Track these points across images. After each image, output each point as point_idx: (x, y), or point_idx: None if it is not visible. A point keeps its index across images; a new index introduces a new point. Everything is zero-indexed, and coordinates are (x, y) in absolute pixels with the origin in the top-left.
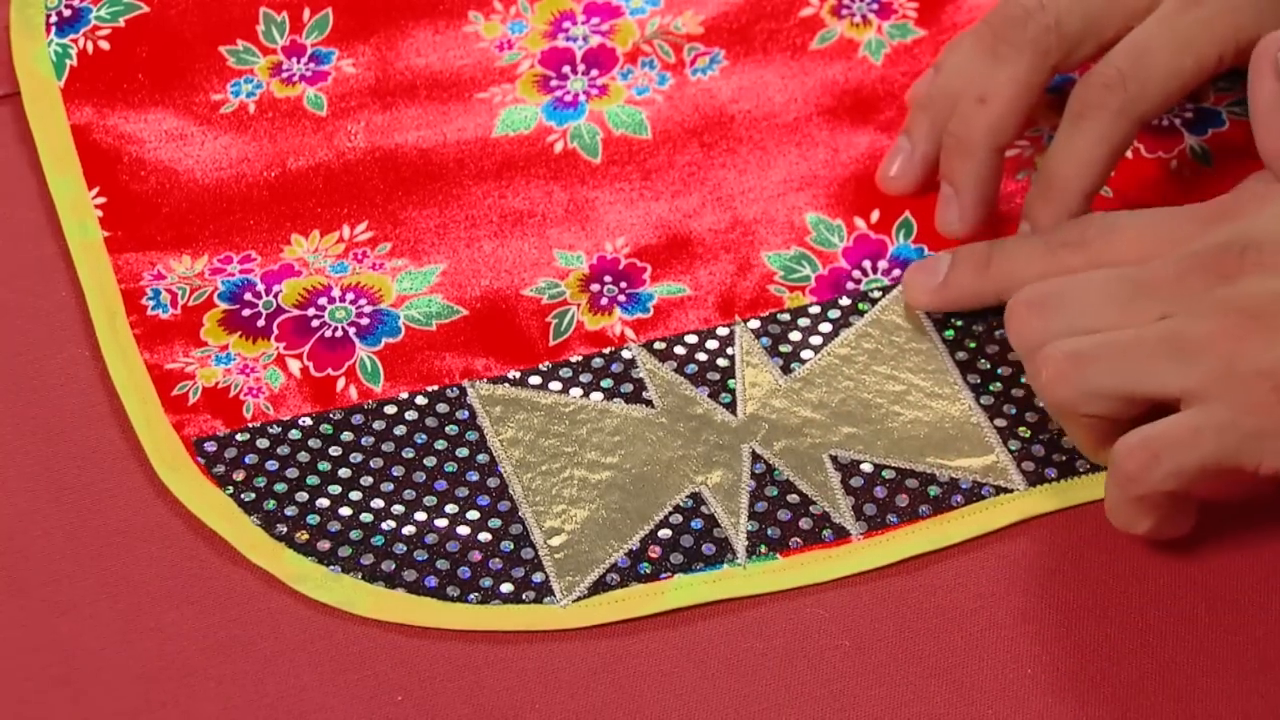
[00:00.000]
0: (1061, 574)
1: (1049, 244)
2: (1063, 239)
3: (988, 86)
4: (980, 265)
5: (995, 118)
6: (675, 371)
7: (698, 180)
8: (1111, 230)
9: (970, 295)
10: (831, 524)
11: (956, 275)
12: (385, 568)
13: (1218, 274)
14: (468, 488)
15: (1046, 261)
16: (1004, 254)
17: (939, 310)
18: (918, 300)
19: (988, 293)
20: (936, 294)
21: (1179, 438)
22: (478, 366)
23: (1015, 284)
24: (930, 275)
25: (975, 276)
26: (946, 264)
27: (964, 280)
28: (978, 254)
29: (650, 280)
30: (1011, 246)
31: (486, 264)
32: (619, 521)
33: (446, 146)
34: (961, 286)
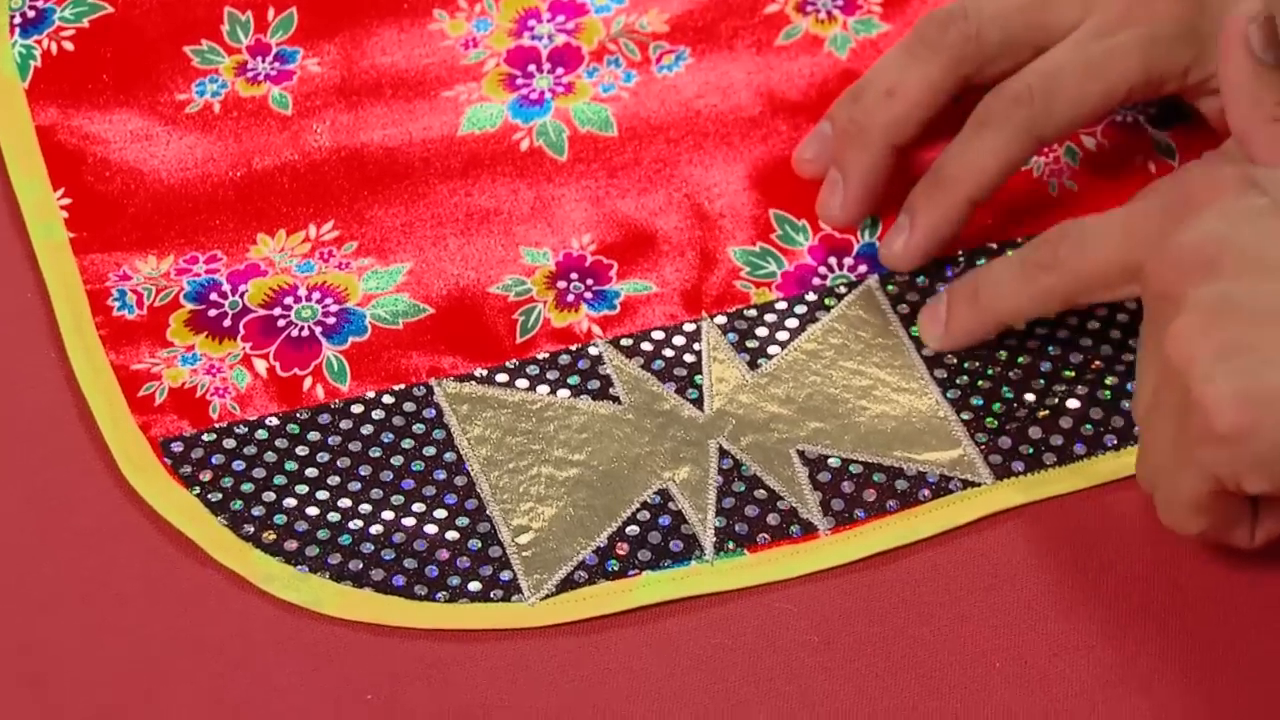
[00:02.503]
0: (1029, 568)
1: (1024, 267)
2: (1037, 260)
3: (898, 81)
4: (970, 299)
5: (897, 113)
6: (642, 368)
7: (664, 177)
8: (1082, 244)
9: (973, 330)
10: (799, 519)
11: (954, 315)
12: (353, 567)
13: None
14: (435, 486)
15: (1027, 286)
16: (988, 284)
17: (956, 350)
18: (935, 347)
19: (987, 325)
20: (946, 338)
21: None
22: (444, 364)
23: (1006, 313)
24: (935, 321)
25: (970, 312)
26: (944, 309)
27: (962, 318)
28: (966, 290)
29: (617, 277)
30: (994, 275)
31: (453, 262)
32: (586, 519)
33: (412, 145)
34: (963, 325)
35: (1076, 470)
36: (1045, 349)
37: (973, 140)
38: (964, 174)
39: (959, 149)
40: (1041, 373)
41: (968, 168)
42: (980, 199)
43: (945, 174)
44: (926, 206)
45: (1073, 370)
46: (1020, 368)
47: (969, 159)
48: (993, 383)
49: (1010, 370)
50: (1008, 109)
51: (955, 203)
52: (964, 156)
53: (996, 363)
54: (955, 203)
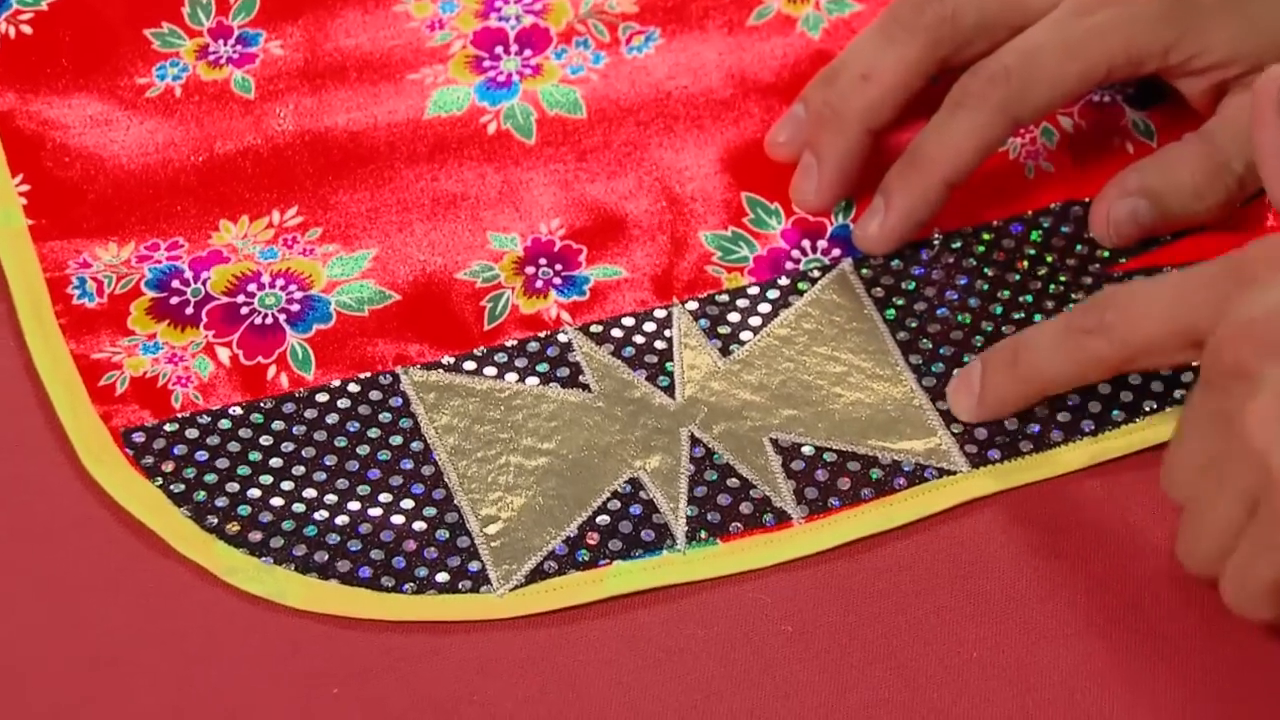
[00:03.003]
0: (1006, 556)
1: (1069, 331)
2: (1082, 324)
3: (874, 64)
4: (1009, 366)
5: (874, 97)
6: (612, 354)
7: (634, 160)
8: (1130, 308)
9: (1012, 401)
10: (772, 508)
11: (990, 384)
12: (318, 558)
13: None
14: (402, 476)
15: (1073, 353)
16: (1028, 350)
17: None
18: (966, 419)
19: (1028, 394)
20: (980, 409)
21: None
22: (411, 352)
23: (1048, 381)
24: (969, 393)
25: (1009, 381)
26: (978, 374)
27: (999, 388)
28: (1004, 355)
29: (586, 262)
30: (1034, 340)
31: (419, 248)
32: (556, 508)
33: (377, 129)
34: (999, 394)
35: (1053, 458)
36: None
37: (949, 121)
38: (940, 155)
39: (935, 130)
40: None
41: (944, 149)
42: (957, 181)
43: (921, 156)
44: (902, 189)
45: None
46: None
47: (945, 140)
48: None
49: None
50: (984, 89)
51: (931, 185)
52: (940, 138)
53: (972, 349)
54: (931, 185)
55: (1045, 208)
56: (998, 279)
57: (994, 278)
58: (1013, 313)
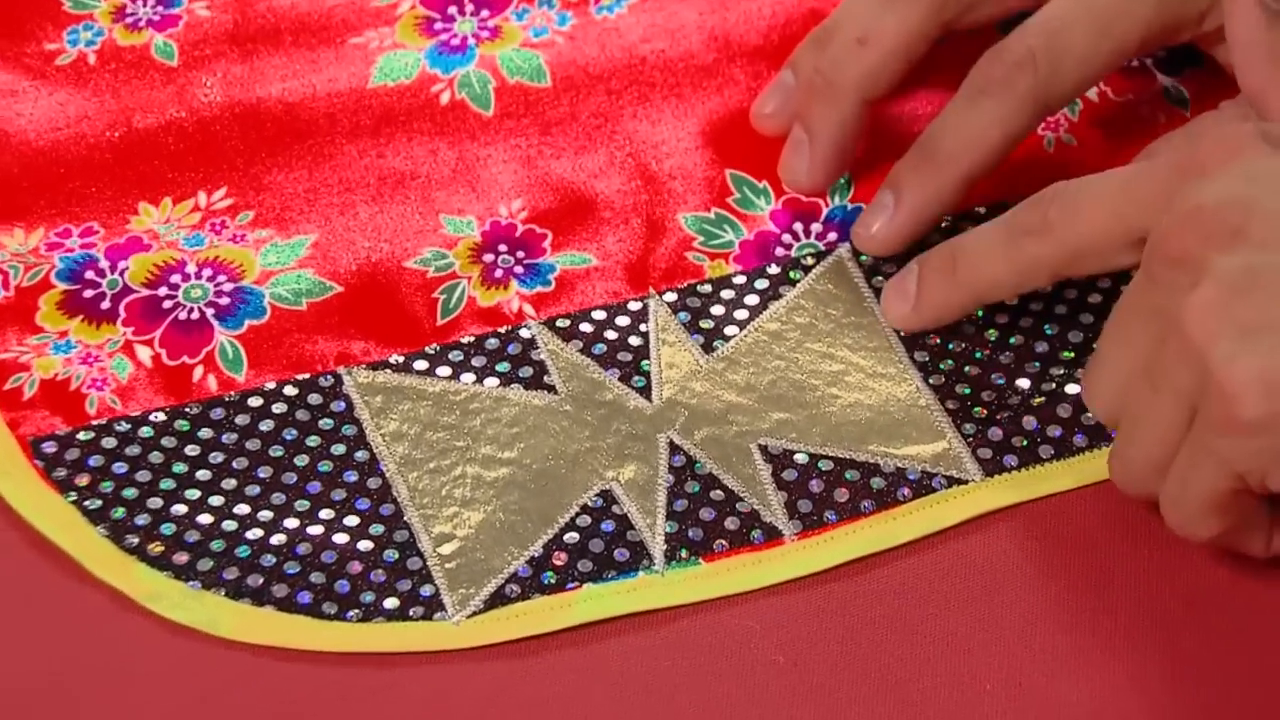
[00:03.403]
0: (1024, 577)
1: (1010, 232)
2: (1023, 225)
3: (871, 28)
4: (945, 270)
5: (871, 64)
6: (581, 352)
7: (604, 133)
8: (1074, 207)
9: (948, 307)
10: (761, 523)
11: (926, 289)
12: (251, 583)
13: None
14: (345, 489)
15: (1012, 254)
16: (967, 255)
17: (924, 331)
18: (901, 327)
19: (964, 300)
20: (914, 317)
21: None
22: (355, 350)
23: (988, 286)
24: (903, 298)
25: (945, 285)
26: (914, 280)
27: (936, 294)
28: (942, 260)
29: (551, 249)
30: (972, 244)
31: (363, 233)
32: (519, 525)
33: (316, 100)
34: (936, 302)
35: (1076, 465)
36: (1040, 327)
37: (970, 110)
38: (959, 149)
39: (953, 120)
40: (1036, 354)
41: (964, 142)
42: (978, 177)
43: (937, 148)
44: (915, 184)
45: (1072, 351)
46: (1012, 349)
47: (966, 132)
48: (981, 367)
49: (1001, 352)
50: (1010, 75)
51: (949, 181)
52: (960, 129)
53: (985, 344)
54: (949, 181)
55: None
56: None
57: None
58: (1030, 302)
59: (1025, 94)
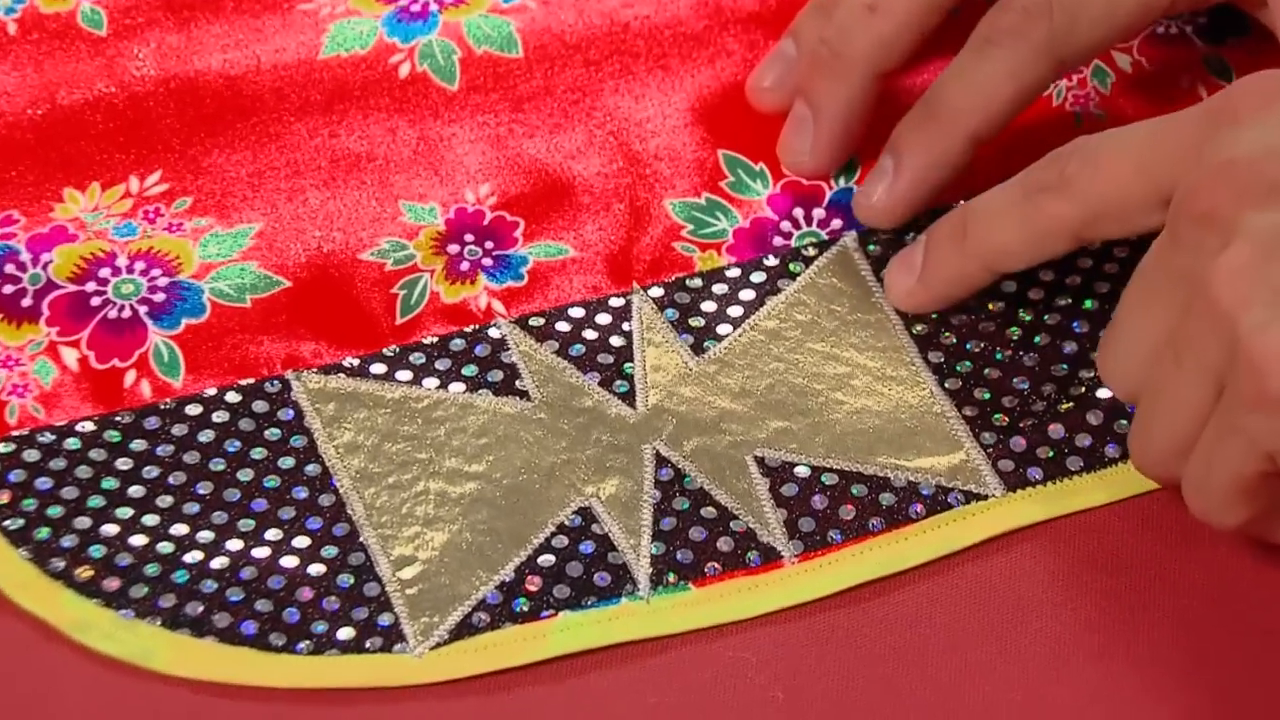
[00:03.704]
0: (1051, 602)
1: (1025, 190)
2: (1039, 181)
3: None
4: (956, 238)
5: (883, 33)
6: (557, 354)
7: (582, 109)
8: (1095, 161)
9: (957, 280)
10: (758, 544)
11: (933, 259)
12: (190, 611)
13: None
14: (294, 507)
15: (1027, 214)
16: (979, 218)
17: (932, 310)
18: (904, 305)
19: (976, 270)
20: (920, 291)
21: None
22: (304, 352)
23: (1000, 252)
24: (908, 271)
25: (955, 255)
26: (920, 253)
27: (944, 264)
28: (951, 227)
29: (523, 239)
30: (984, 206)
31: (314, 222)
32: (488, 546)
33: (261, 73)
34: (944, 274)
35: (1109, 478)
36: (1069, 325)
37: (978, 63)
38: (965, 104)
39: (959, 74)
40: (1064, 355)
41: (970, 97)
42: (985, 136)
43: (941, 104)
44: (917, 144)
45: None
46: (1037, 349)
47: (973, 86)
48: (1002, 369)
49: (1025, 353)
50: (1021, 24)
51: (954, 141)
52: (965, 83)
53: (1007, 343)
54: (954, 141)
55: None
56: None
57: None
58: (1057, 297)
59: (1039, 44)
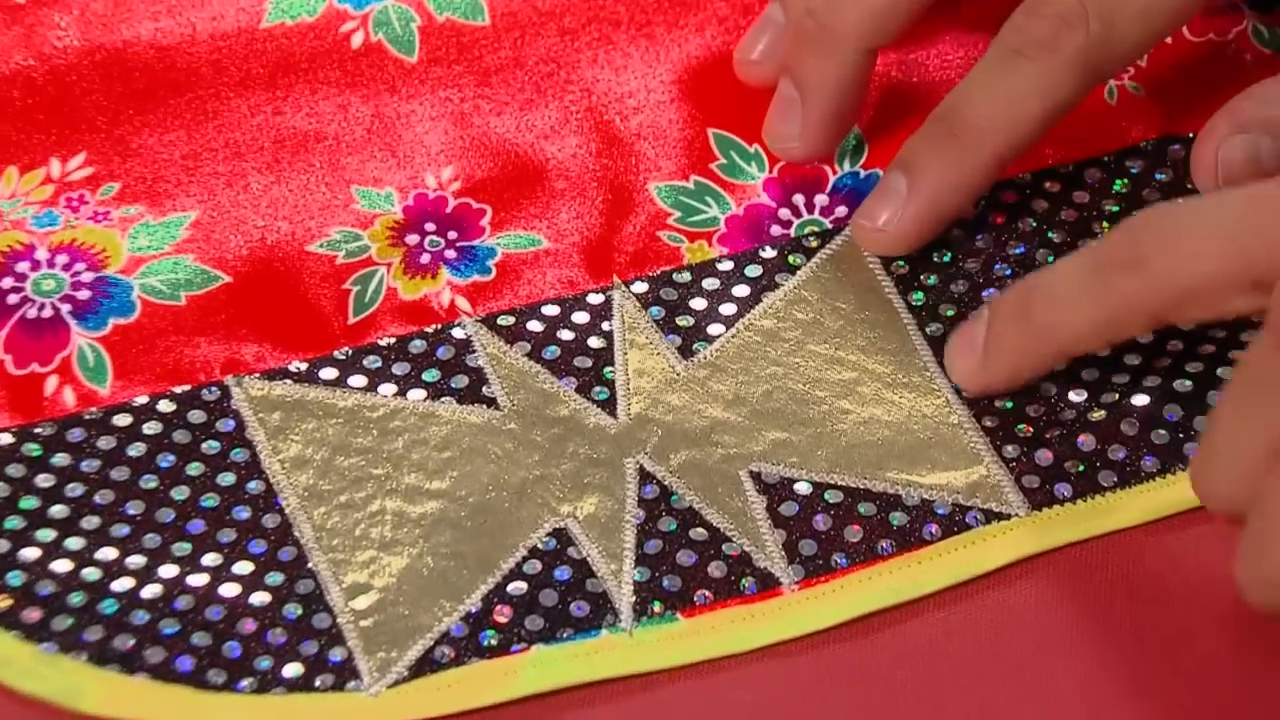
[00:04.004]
0: (1079, 634)
1: (1097, 267)
2: (1112, 258)
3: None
4: (1020, 317)
5: (876, 5)
6: (529, 357)
7: (556, 83)
8: (1175, 238)
9: (1023, 362)
10: (754, 569)
11: (998, 341)
12: (120, 645)
13: None
14: (235, 529)
15: (1099, 295)
16: (1044, 296)
17: (999, 393)
18: (966, 386)
19: (1044, 353)
20: (982, 372)
21: None
22: (246, 356)
23: (1071, 336)
24: (969, 350)
25: (1021, 336)
26: (983, 330)
27: (1009, 345)
28: (1014, 303)
29: (491, 228)
30: (1051, 282)
31: (256, 209)
32: (452, 572)
33: (196, 43)
34: (1009, 356)
35: (1145, 495)
36: None
37: (1003, 75)
38: (991, 123)
39: (984, 87)
40: (1094, 357)
41: (997, 114)
42: (1011, 158)
43: (964, 122)
44: (934, 165)
45: (1138, 353)
46: None
47: (999, 102)
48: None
49: None
50: (1054, 35)
51: (977, 164)
52: (991, 98)
53: None
54: (977, 164)
55: (1133, 146)
56: (1068, 247)
57: (1063, 245)
58: None
59: (1073, 57)
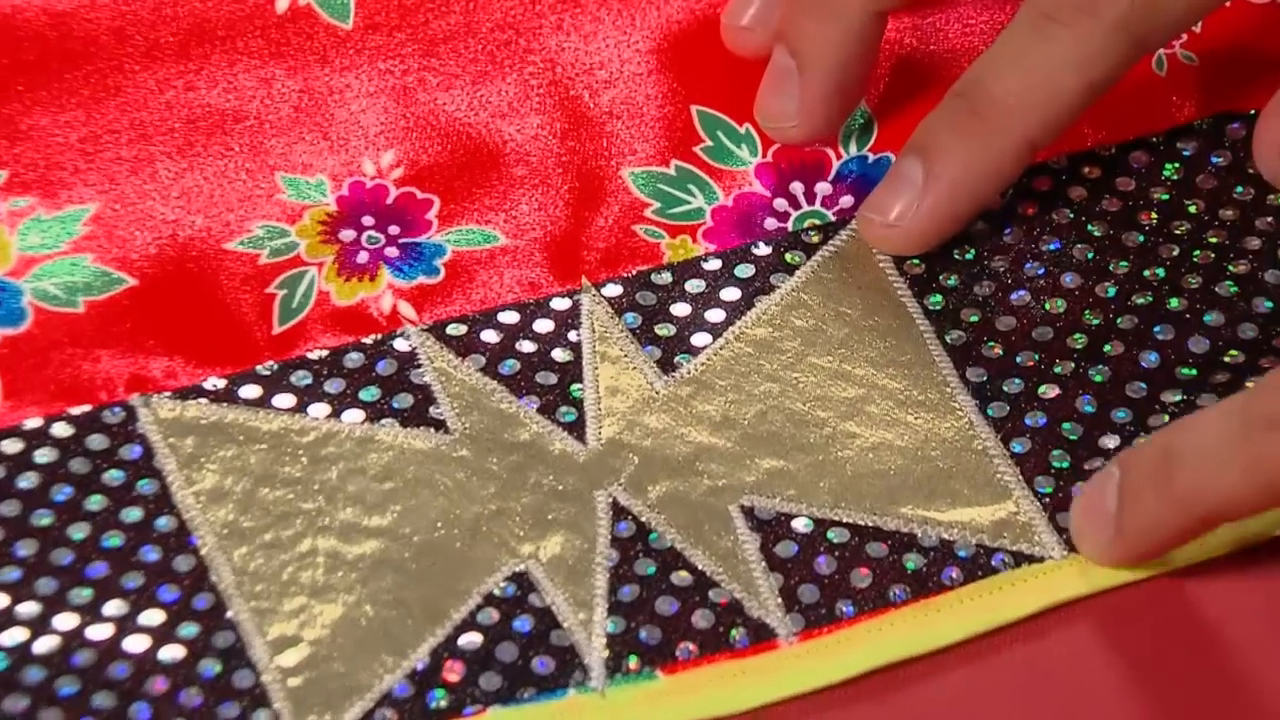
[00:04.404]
0: (1123, 693)
1: (1247, 425)
2: (1267, 414)
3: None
4: (1161, 480)
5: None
6: (483, 372)
7: (515, 53)
8: None
9: (1167, 533)
10: (746, 619)
11: (1135, 508)
12: (10, 708)
13: None
14: (143, 573)
15: (1253, 458)
16: (1188, 460)
17: (1136, 565)
18: (1101, 561)
19: (1190, 526)
20: (1120, 545)
21: None
22: (155, 371)
23: (1222, 503)
24: (1099, 520)
25: (1162, 504)
26: (1115, 493)
27: (1148, 514)
28: (1152, 463)
29: (439, 221)
30: (1194, 443)
31: (166, 201)
32: (394, 623)
33: (96, 8)
34: (1148, 525)
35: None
36: (1148, 331)
37: (1036, 44)
38: (1022, 99)
39: (1013, 59)
40: (1142, 370)
41: (1029, 89)
42: (1044, 142)
43: (989, 100)
44: (956, 150)
45: (1194, 368)
46: (1108, 361)
47: (1031, 75)
48: (1063, 388)
49: (1091, 366)
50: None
51: (1007, 145)
52: (1022, 70)
53: (1068, 353)
54: (1007, 145)
55: (1185, 125)
56: (1111, 241)
57: (1104, 240)
58: (1134, 294)
59: (1115, 23)
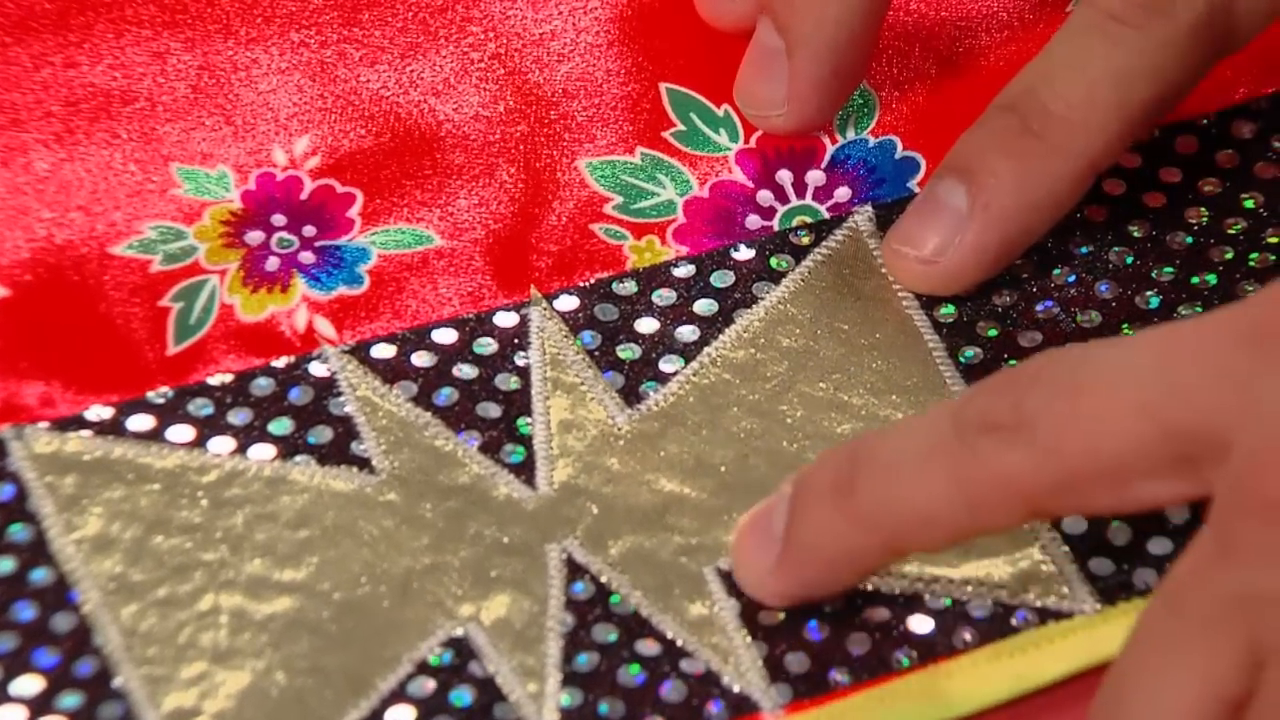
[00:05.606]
0: None
1: (958, 427)
2: (983, 416)
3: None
4: (840, 493)
5: None
6: (415, 402)
7: (452, 22)
8: (1072, 393)
9: (838, 555)
10: (723, 691)
11: (804, 525)
12: None
13: None
14: (17, 634)
15: (959, 467)
16: (876, 464)
17: (799, 603)
18: (760, 598)
19: (867, 547)
20: (781, 575)
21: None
22: (29, 398)
23: (910, 523)
24: (765, 543)
25: (836, 520)
26: (784, 511)
27: (820, 530)
28: (831, 472)
29: (362, 220)
30: (886, 445)
31: (42, 198)
32: (311, 693)
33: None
34: (819, 546)
35: None
36: None
37: (1099, 48)
38: (1084, 116)
39: (1071, 65)
40: None
41: (1092, 105)
42: (1110, 162)
43: (1047, 112)
44: (1009, 172)
45: None
46: None
47: (1095, 88)
48: None
49: None
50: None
51: (1068, 170)
52: (1084, 80)
53: None
54: (1068, 170)
55: (1239, 105)
56: (1154, 242)
57: (1145, 240)
58: (1181, 306)
59: (1191, 27)
